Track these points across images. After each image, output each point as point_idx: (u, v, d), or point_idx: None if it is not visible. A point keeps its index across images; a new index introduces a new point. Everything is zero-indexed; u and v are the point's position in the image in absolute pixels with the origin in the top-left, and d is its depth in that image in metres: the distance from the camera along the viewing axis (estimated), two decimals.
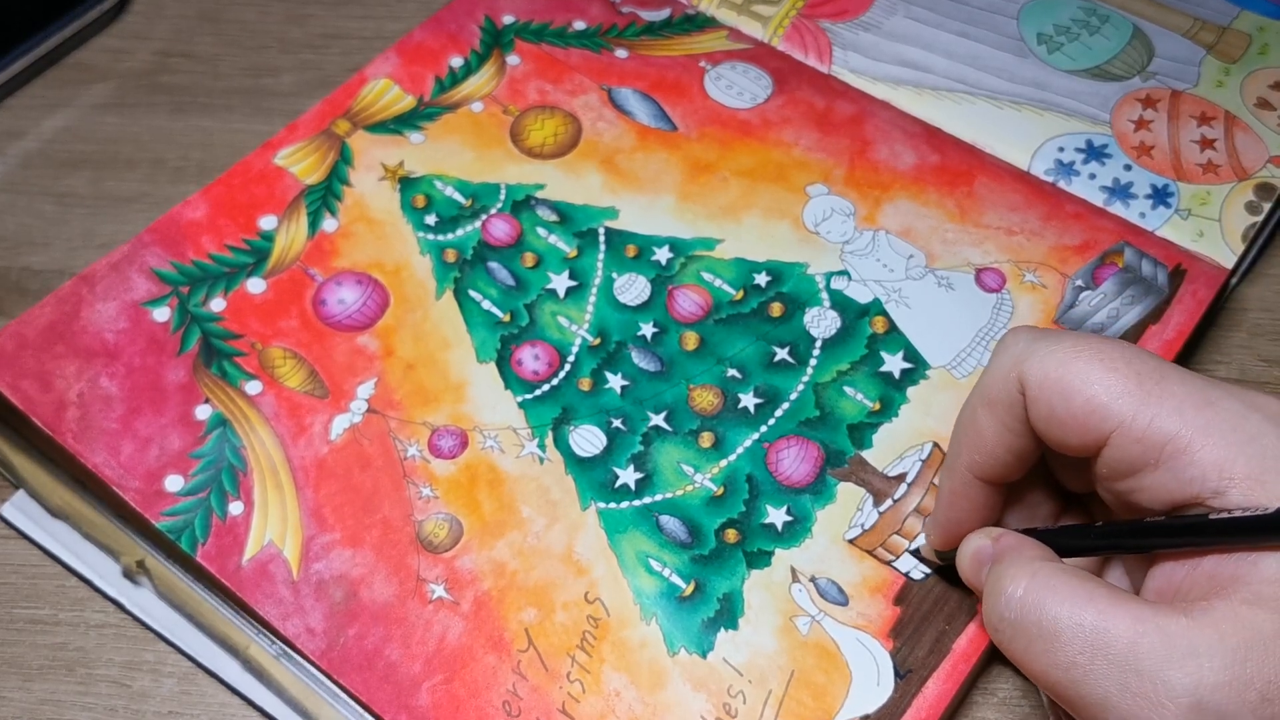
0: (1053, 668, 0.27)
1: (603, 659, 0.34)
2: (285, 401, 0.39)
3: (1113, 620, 0.26)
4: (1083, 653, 0.26)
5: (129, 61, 0.53)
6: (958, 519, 0.32)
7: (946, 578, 0.35)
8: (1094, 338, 0.29)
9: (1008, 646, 0.28)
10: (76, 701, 0.36)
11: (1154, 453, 0.27)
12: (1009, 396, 0.30)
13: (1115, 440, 0.28)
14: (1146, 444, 0.27)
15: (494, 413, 0.39)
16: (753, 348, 0.40)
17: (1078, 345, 0.29)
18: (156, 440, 0.38)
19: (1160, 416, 0.27)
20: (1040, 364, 0.29)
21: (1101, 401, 0.28)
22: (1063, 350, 0.29)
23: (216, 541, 0.36)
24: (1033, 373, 0.29)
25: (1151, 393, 0.28)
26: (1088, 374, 0.28)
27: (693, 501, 0.37)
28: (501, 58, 0.48)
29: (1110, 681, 0.26)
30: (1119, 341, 0.29)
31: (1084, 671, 0.26)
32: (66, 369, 0.39)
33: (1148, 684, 0.25)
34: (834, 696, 0.33)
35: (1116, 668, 0.26)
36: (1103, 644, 0.26)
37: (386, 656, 0.34)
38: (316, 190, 0.44)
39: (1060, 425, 0.29)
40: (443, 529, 0.36)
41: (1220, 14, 0.48)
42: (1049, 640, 0.27)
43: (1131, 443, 0.28)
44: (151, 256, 0.42)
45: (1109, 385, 0.28)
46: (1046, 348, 0.29)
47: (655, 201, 0.44)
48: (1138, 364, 0.28)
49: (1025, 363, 0.29)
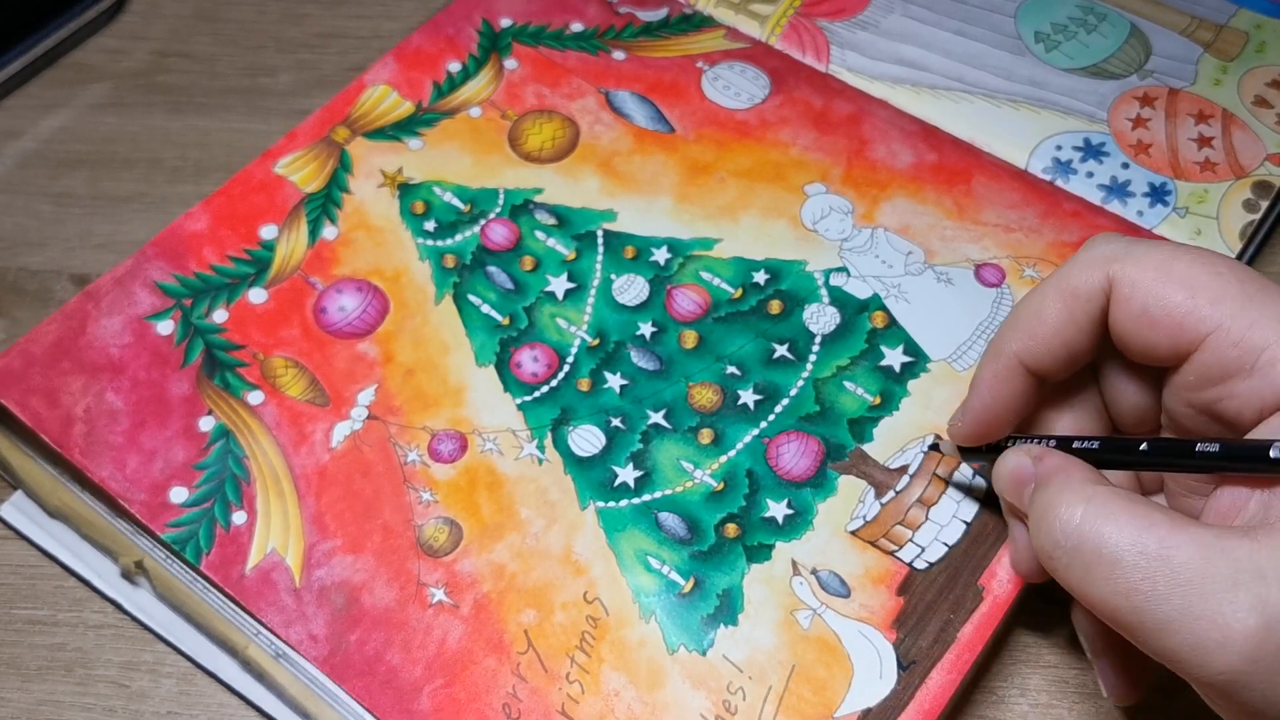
0: (1114, 594, 0.26)
1: (602, 659, 0.34)
2: (287, 411, 0.39)
3: (1176, 545, 0.26)
4: (1146, 579, 0.26)
5: (126, 61, 0.53)
6: (991, 406, 0.32)
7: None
8: (1191, 246, 0.29)
9: (1063, 574, 0.28)
10: (75, 702, 0.36)
11: (1251, 358, 0.27)
12: (1090, 289, 0.30)
13: (1210, 344, 0.28)
14: (1243, 348, 0.27)
15: (493, 415, 0.39)
16: (752, 345, 0.40)
17: (1177, 250, 0.29)
18: (161, 453, 0.38)
19: (1260, 323, 0.27)
20: (1137, 264, 0.29)
21: (1201, 304, 0.28)
22: (1162, 252, 0.29)
23: (220, 551, 0.36)
24: (1128, 271, 0.29)
25: (1254, 298, 0.28)
26: (1189, 276, 0.28)
27: (692, 498, 0.37)
28: (499, 62, 0.48)
29: (1173, 606, 0.25)
30: (1216, 252, 0.29)
31: (1146, 597, 0.26)
32: (73, 385, 0.39)
33: (1212, 607, 0.25)
34: (835, 690, 0.33)
35: (1180, 593, 0.25)
36: (1167, 569, 0.26)
37: (388, 661, 0.34)
38: (316, 198, 0.44)
39: (1152, 325, 0.29)
40: (443, 533, 0.36)
41: (1218, 12, 0.48)
42: (1109, 567, 0.26)
43: (1229, 346, 0.27)
44: (154, 269, 0.42)
45: (1211, 288, 0.28)
46: (1144, 249, 0.29)
47: (653, 203, 0.44)
48: (1240, 271, 0.28)
49: (1120, 261, 0.29)
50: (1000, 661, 0.37)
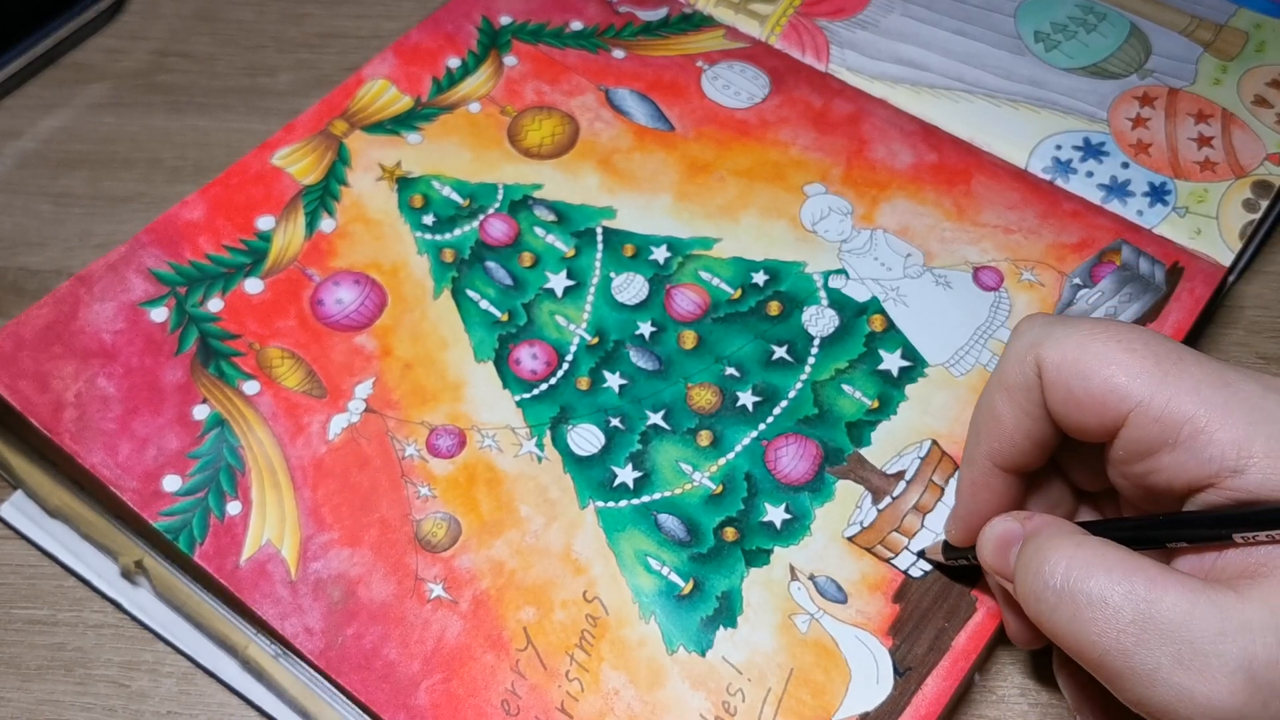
0: (1102, 636, 0.26)
1: (601, 658, 0.34)
2: (283, 401, 0.39)
3: (1165, 591, 0.26)
4: (1134, 622, 0.26)
5: (125, 61, 0.53)
6: (978, 511, 0.32)
7: (952, 576, 0.35)
8: (1110, 321, 0.29)
9: (1050, 617, 0.28)
10: (75, 702, 0.36)
11: (1172, 432, 0.27)
12: (1026, 380, 0.30)
13: (1133, 420, 0.28)
14: (1165, 423, 0.27)
15: (492, 412, 0.39)
16: (751, 346, 0.40)
17: (1094, 328, 0.29)
18: (154, 440, 0.38)
19: (1178, 396, 0.27)
20: (1058, 346, 0.29)
21: (1120, 381, 0.28)
22: (1080, 333, 0.29)
23: (214, 541, 0.36)
24: (1050, 355, 0.29)
25: (1170, 373, 0.28)
26: (1105, 354, 0.28)
27: (691, 500, 0.37)
28: (499, 58, 0.48)
29: (1162, 653, 0.25)
30: (1135, 325, 0.29)
31: (1136, 641, 0.26)
32: (64, 369, 0.39)
33: (1200, 656, 0.25)
34: (833, 694, 0.33)
35: (1169, 639, 0.25)
36: (1155, 614, 0.26)
37: (385, 656, 0.34)
38: (314, 190, 0.44)
39: (1078, 406, 0.29)
40: (441, 528, 0.36)
41: (1218, 11, 0.48)
42: (1098, 609, 0.26)
43: (1150, 422, 0.28)
44: (149, 257, 0.42)
45: (1127, 365, 0.28)
46: (1063, 330, 0.29)
47: (653, 201, 0.44)
48: (1155, 345, 0.28)
49: (1042, 345, 0.29)
50: (1000, 661, 0.37)
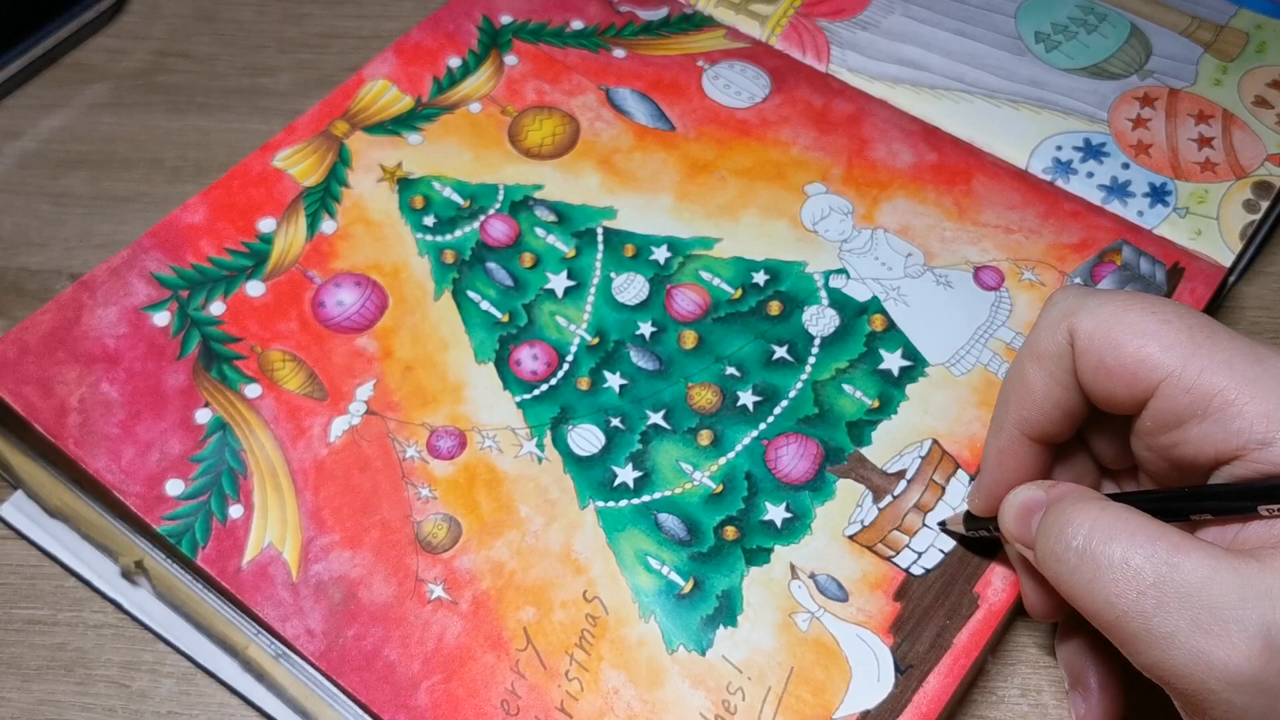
0: (1121, 597, 0.26)
1: (601, 657, 0.34)
2: (284, 404, 0.39)
3: (1186, 556, 0.26)
4: (1155, 585, 0.26)
5: (126, 61, 0.53)
6: (1003, 480, 0.32)
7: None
8: (1143, 294, 0.30)
9: (1070, 578, 0.28)
10: (75, 702, 0.36)
11: (1202, 404, 0.28)
12: (1058, 349, 0.30)
13: (1164, 390, 0.28)
14: (1195, 395, 0.28)
15: (492, 413, 0.39)
16: (751, 346, 0.40)
17: (1128, 299, 0.29)
18: (157, 445, 0.38)
19: (1210, 369, 0.28)
20: (1091, 315, 0.29)
21: (1152, 351, 0.28)
22: (1114, 303, 0.29)
23: (217, 545, 0.36)
24: (1083, 324, 0.29)
25: (1203, 345, 0.28)
26: (1140, 325, 0.29)
27: (691, 499, 0.37)
28: (499, 58, 0.48)
29: (1181, 616, 0.26)
30: (1168, 299, 0.29)
31: (1155, 604, 0.26)
32: (68, 375, 0.39)
33: (1219, 621, 0.25)
34: (834, 693, 0.33)
35: (1188, 603, 0.26)
36: (1176, 578, 0.26)
37: (385, 657, 0.34)
38: (315, 192, 0.44)
39: (1109, 376, 0.29)
40: (441, 529, 0.36)
41: (1218, 12, 0.48)
42: (1119, 570, 0.27)
43: (1180, 393, 0.28)
44: (151, 261, 0.42)
45: (1161, 336, 0.28)
46: (1097, 301, 0.29)
47: (653, 201, 0.44)
48: (1189, 318, 0.29)
49: (1075, 315, 0.30)
50: (1000, 661, 0.37)
